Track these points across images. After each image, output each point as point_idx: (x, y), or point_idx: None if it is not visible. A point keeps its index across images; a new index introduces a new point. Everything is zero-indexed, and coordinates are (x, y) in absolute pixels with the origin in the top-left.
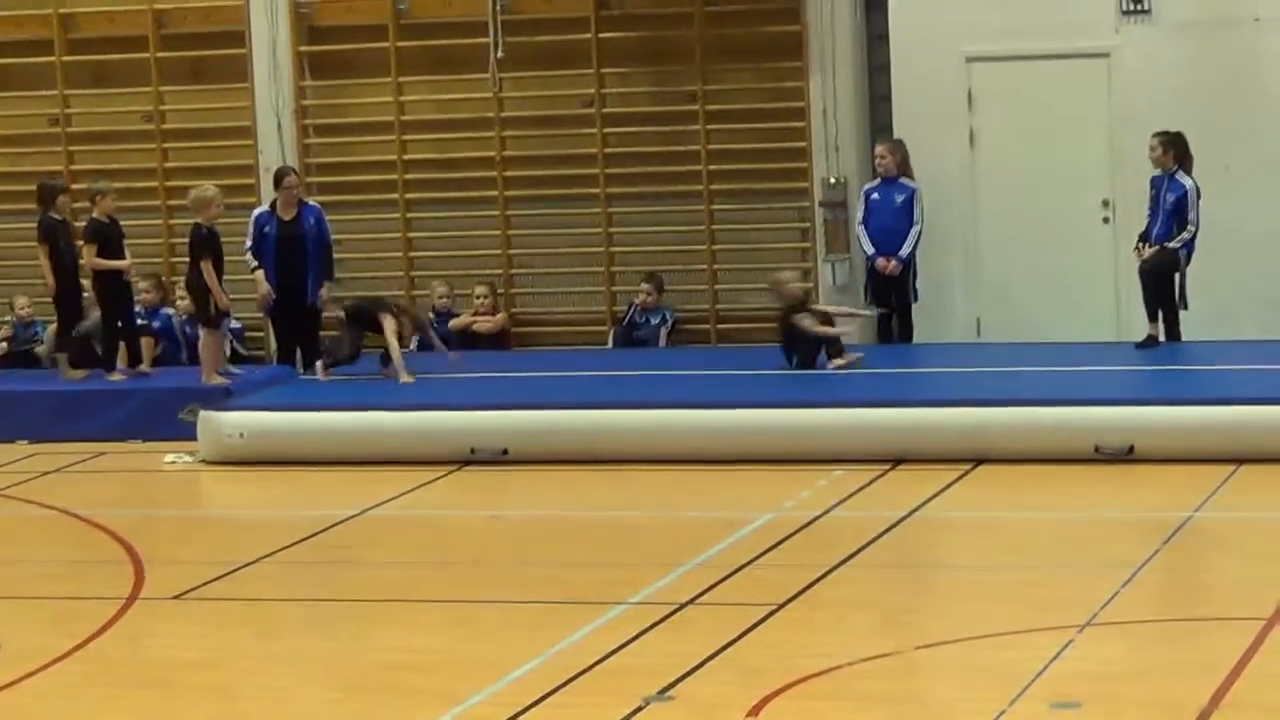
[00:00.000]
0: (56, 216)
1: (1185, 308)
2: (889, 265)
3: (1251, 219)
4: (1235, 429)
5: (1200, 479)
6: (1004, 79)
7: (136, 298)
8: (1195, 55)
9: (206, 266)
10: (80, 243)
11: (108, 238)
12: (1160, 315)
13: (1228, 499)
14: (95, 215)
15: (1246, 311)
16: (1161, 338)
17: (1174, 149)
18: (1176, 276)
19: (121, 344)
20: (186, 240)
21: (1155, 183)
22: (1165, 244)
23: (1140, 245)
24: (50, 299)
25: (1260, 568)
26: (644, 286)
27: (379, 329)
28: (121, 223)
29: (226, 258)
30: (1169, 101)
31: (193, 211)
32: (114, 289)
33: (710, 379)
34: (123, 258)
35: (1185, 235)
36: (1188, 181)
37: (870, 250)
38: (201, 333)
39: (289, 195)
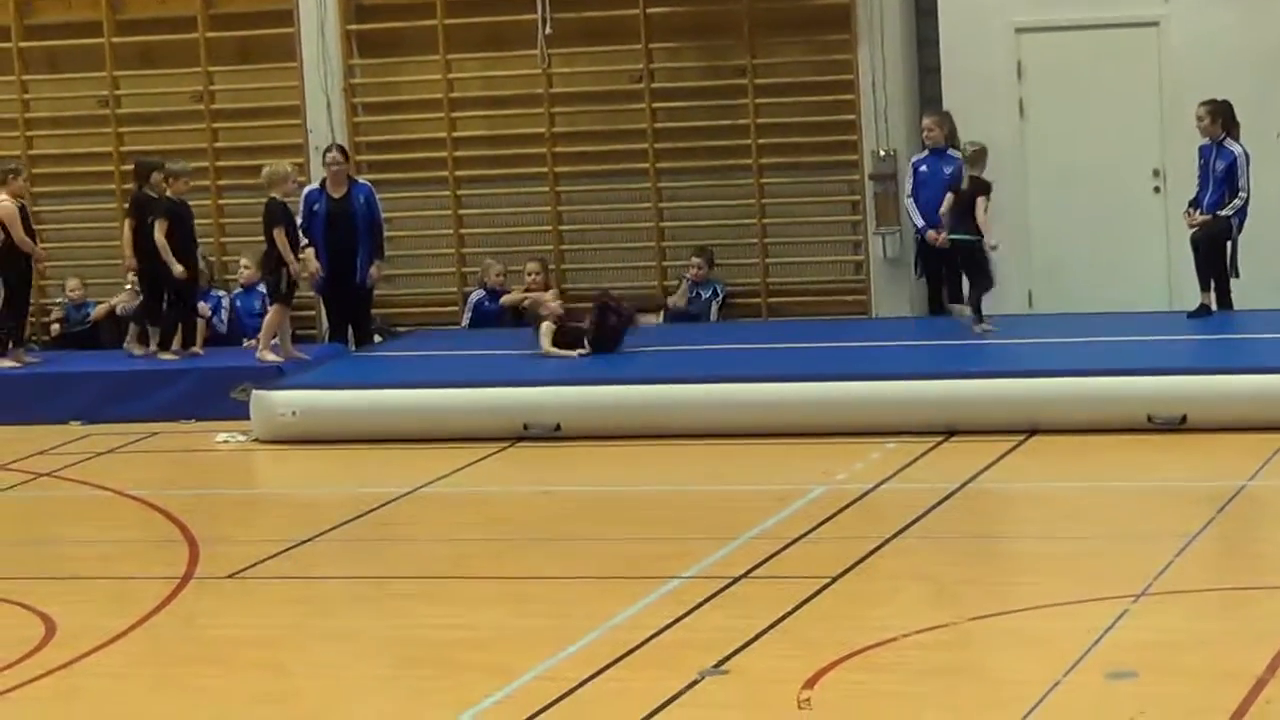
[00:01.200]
0: (151, 194)
1: (1237, 276)
2: (939, 237)
3: None
4: None
5: (1253, 448)
6: (1053, 49)
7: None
8: (1244, 23)
9: (280, 235)
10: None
11: (180, 218)
12: (1212, 284)
13: None
14: (169, 195)
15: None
16: (1214, 306)
17: (1221, 117)
18: (1228, 245)
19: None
20: (236, 220)
21: (1204, 152)
22: (1217, 212)
23: (1190, 210)
24: (136, 273)
25: None
26: (695, 260)
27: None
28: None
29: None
30: (1218, 70)
31: (267, 187)
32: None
33: (761, 353)
34: (193, 240)
35: (1237, 202)
36: (1236, 148)
37: (920, 223)
38: (271, 308)
39: (334, 173)
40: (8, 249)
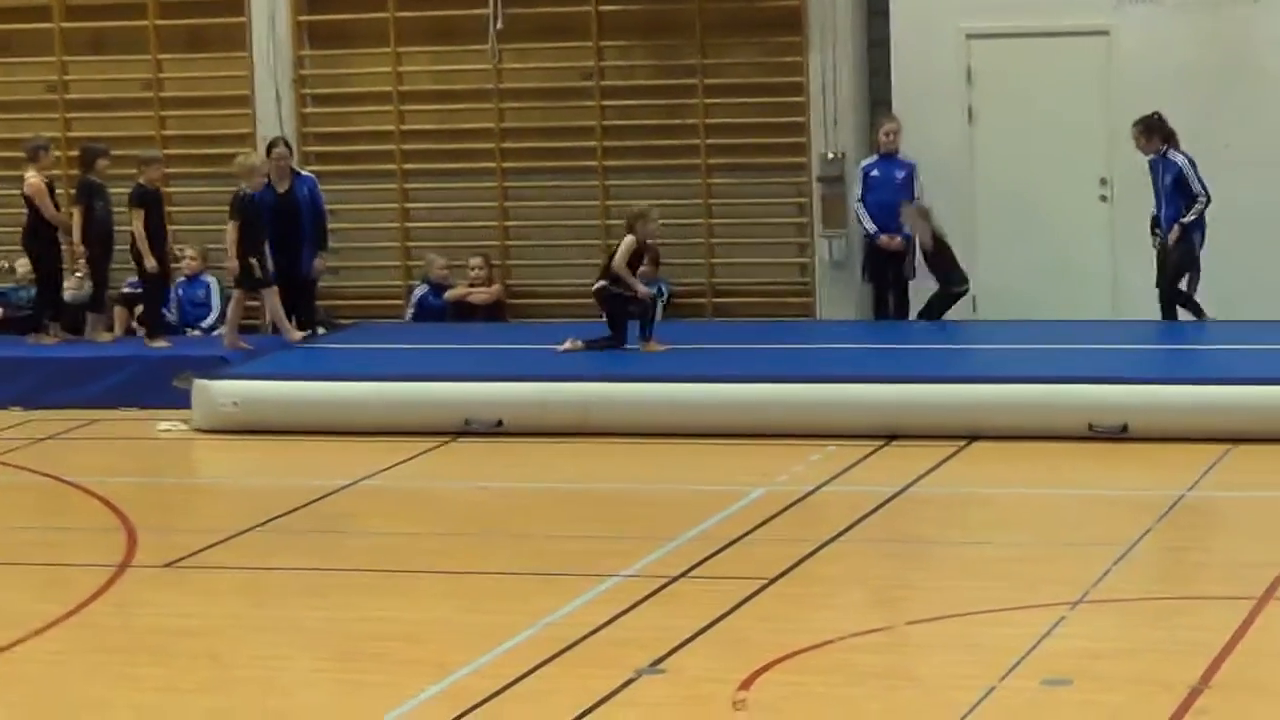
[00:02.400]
0: (96, 180)
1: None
2: (892, 242)
3: (1250, 199)
4: (1229, 409)
5: (1194, 458)
6: (1003, 56)
7: (127, 265)
8: (1195, 34)
9: (232, 230)
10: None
11: (152, 207)
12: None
13: (1221, 478)
14: (142, 182)
15: (1243, 291)
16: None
17: (1155, 132)
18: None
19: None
20: (184, 209)
21: (1153, 167)
22: (1182, 221)
23: (1156, 232)
24: (83, 258)
25: (1252, 547)
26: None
27: None
28: (118, 190)
29: (224, 227)
30: (1168, 80)
31: (238, 177)
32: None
33: (705, 353)
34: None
35: (1198, 206)
36: (1179, 157)
37: (872, 228)
38: (234, 294)
39: (279, 166)
40: (35, 227)
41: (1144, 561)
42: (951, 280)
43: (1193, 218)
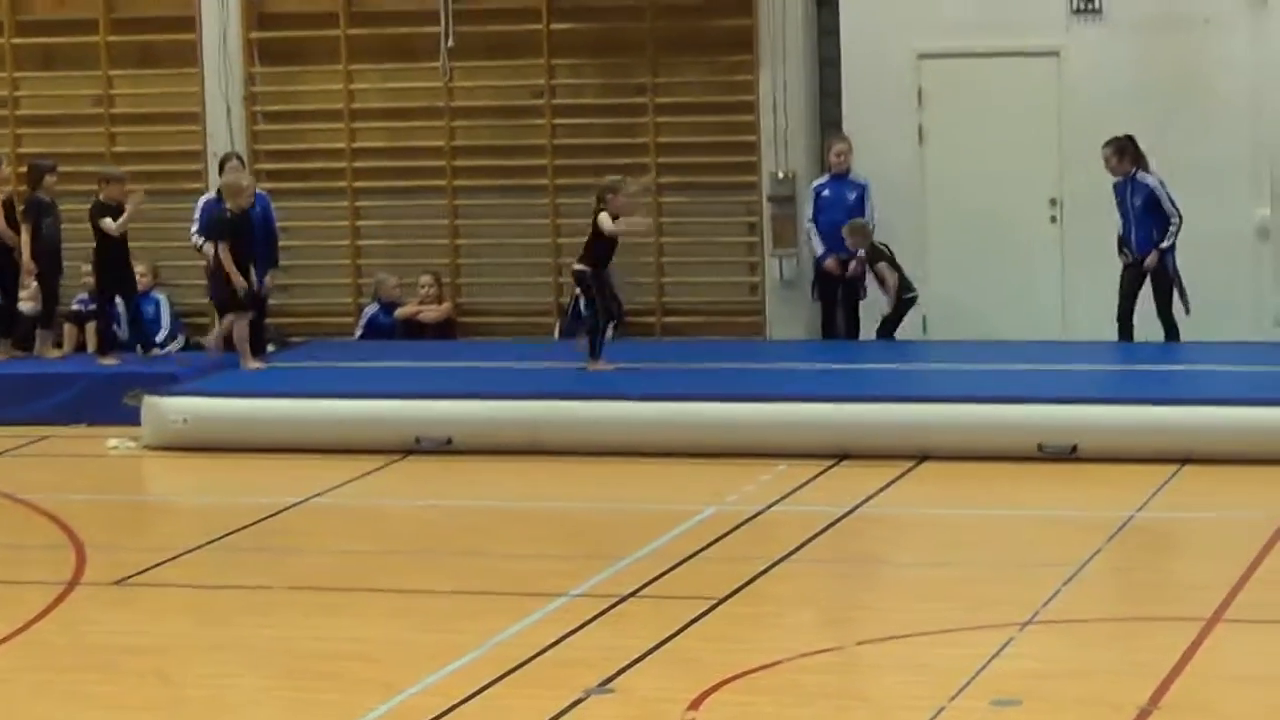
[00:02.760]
0: (45, 197)
1: (1188, 312)
2: (837, 267)
3: (1199, 219)
4: (1178, 429)
5: (1143, 479)
6: (954, 76)
7: (78, 281)
8: (1145, 55)
9: (224, 249)
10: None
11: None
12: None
13: (1170, 499)
14: (102, 199)
15: (1193, 310)
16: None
17: (1127, 153)
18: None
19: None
20: (134, 225)
21: (1118, 189)
22: (1160, 246)
23: (1125, 252)
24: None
25: (1202, 568)
26: None
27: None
28: (68, 206)
29: (173, 243)
30: (1118, 101)
31: (224, 196)
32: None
33: (654, 372)
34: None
35: (1173, 228)
36: (1150, 179)
37: (820, 250)
38: (227, 319)
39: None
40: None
41: (1093, 582)
42: (901, 289)
43: (1171, 241)
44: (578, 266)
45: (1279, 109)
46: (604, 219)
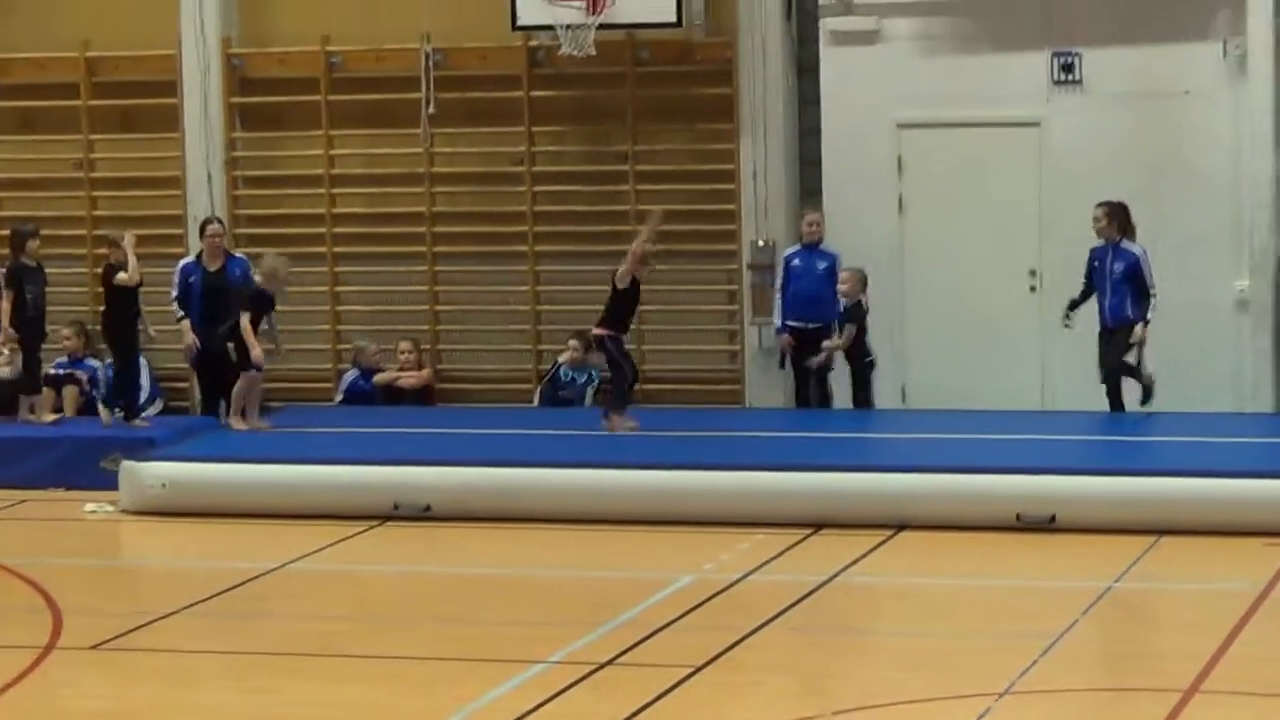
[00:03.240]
0: (29, 262)
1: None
2: (787, 341)
3: (1178, 289)
4: (1156, 500)
5: (1121, 549)
6: (934, 146)
7: (59, 345)
8: (1125, 126)
9: (246, 319)
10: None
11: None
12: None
13: (1148, 569)
14: (112, 262)
15: (1167, 382)
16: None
17: (1118, 219)
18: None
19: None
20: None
21: (1097, 254)
22: (1145, 319)
23: (1069, 315)
24: (18, 343)
25: (1179, 639)
26: (572, 344)
27: None
28: (48, 270)
29: (153, 308)
30: (1099, 171)
31: (262, 277)
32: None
33: (634, 440)
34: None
35: (1152, 302)
36: (1135, 249)
37: (779, 322)
38: (246, 377)
39: (213, 245)
40: None
41: (1071, 652)
42: (863, 355)
43: (1151, 316)
44: (598, 332)
45: (1258, 180)
46: (620, 273)
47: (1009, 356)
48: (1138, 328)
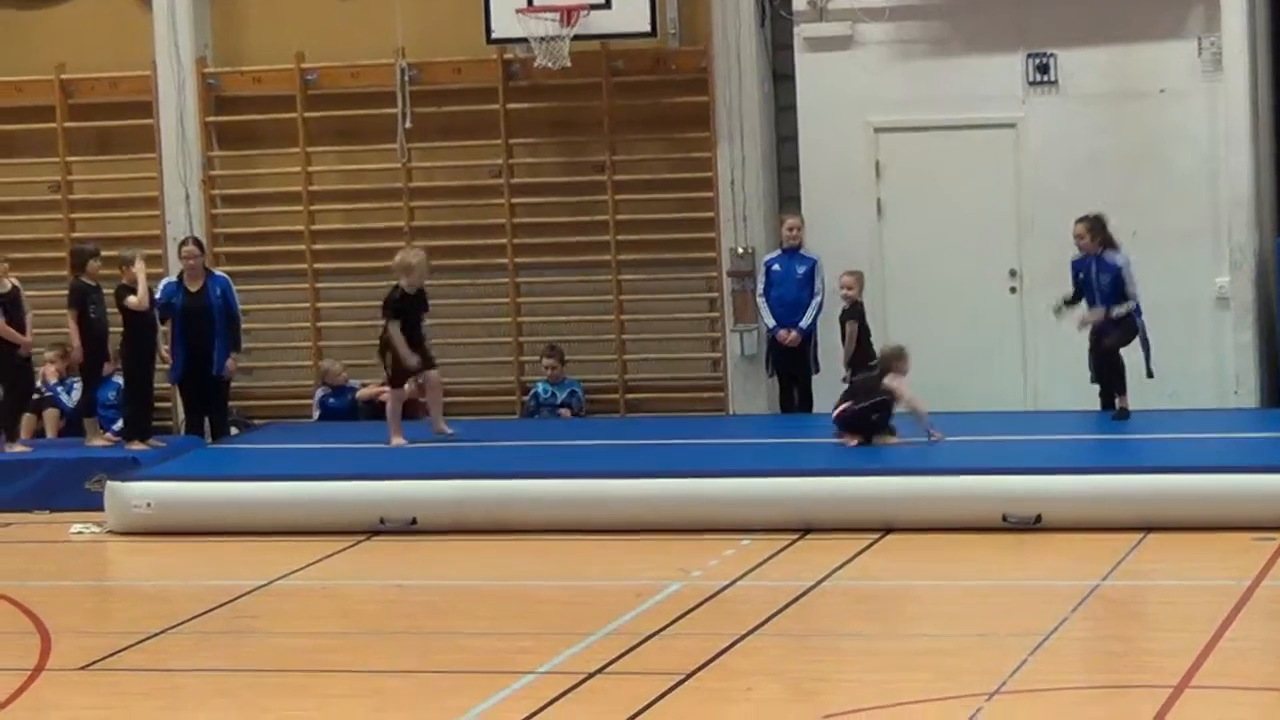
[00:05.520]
0: (89, 282)
1: (1151, 376)
2: (789, 336)
3: (1159, 288)
4: (1142, 497)
5: (1107, 548)
6: (911, 149)
7: (40, 368)
8: (1101, 126)
9: (395, 329)
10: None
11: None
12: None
13: (1135, 567)
14: (125, 282)
15: (1150, 380)
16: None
17: (1099, 233)
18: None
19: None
20: None
21: (1080, 266)
22: (1111, 314)
23: (1060, 309)
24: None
25: (1168, 635)
26: (546, 361)
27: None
28: (25, 292)
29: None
30: (1076, 171)
31: (396, 273)
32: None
33: (618, 449)
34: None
35: (1129, 305)
36: (1118, 258)
37: (771, 323)
38: (388, 393)
39: (190, 266)
40: None
41: (1060, 651)
42: (868, 358)
43: (1121, 312)
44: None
45: (1235, 177)
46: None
47: (991, 357)
48: (1121, 307)
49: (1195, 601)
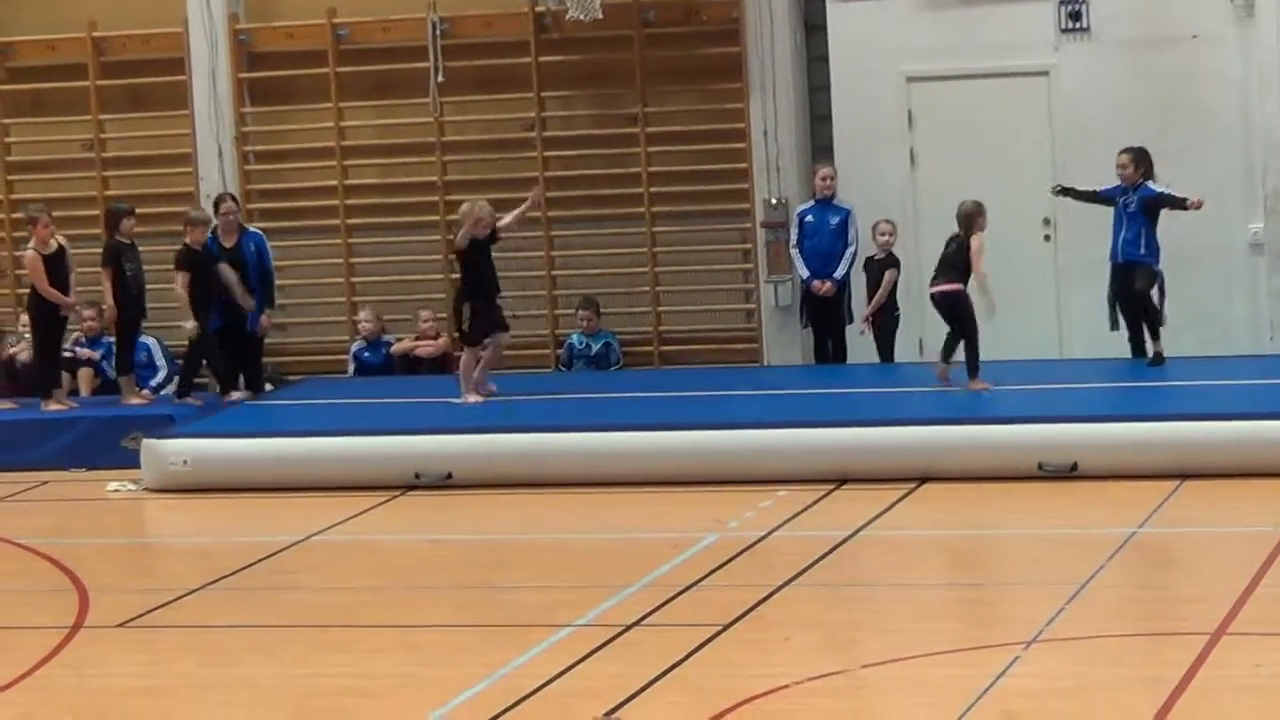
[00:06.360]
0: (124, 240)
1: (1163, 323)
2: (824, 287)
3: (1189, 234)
4: (1177, 444)
5: (1143, 495)
6: (944, 98)
7: (78, 326)
8: (1134, 72)
9: (461, 281)
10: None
11: (200, 267)
12: (1159, 331)
13: (1171, 514)
14: (188, 242)
15: (1185, 327)
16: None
17: (1143, 164)
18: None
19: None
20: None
21: (1113, 192)
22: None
23: (1059, 188)
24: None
25: (1204, 582)
26: (581, 313)
27: None
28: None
29: (164, 285)
30: (1108, 118)
31: (462, 222)
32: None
33: (654, 401)
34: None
35: (1199, 197)
36: (1158, 187)
37: (805, 273)
38: (465, 350)
39: (227, 222)
40: (37, 297)
41: (1097, 599)
42: (893, 308)
43: (1195, 201)
44: (949, 288)
45: (1269, 122)
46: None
47: (1025, 306)
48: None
49: (1231, 548)
